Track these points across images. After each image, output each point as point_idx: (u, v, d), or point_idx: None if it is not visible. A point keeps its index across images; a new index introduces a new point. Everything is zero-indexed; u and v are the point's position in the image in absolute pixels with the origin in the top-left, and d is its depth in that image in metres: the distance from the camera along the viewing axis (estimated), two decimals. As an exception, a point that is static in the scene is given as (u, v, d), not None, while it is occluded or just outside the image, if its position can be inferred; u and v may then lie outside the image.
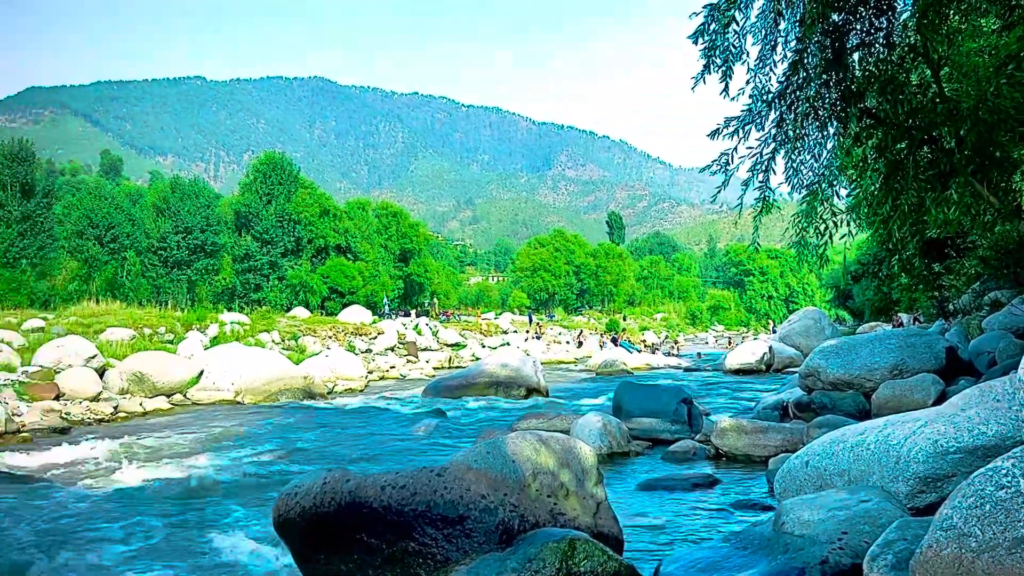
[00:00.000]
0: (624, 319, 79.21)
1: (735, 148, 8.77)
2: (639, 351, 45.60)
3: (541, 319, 67.10)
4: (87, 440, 13.70)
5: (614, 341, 48.97)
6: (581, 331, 59.05)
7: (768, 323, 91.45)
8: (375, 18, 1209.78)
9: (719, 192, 9.10)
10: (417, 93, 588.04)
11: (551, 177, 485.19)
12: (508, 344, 43.69)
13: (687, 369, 35.77)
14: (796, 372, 17.90)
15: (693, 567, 5.23)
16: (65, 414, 16.73)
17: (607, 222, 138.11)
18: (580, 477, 6.20)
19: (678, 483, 10.10)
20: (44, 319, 27.60)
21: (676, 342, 66.33)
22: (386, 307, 54.76)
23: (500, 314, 67.65)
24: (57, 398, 17.85)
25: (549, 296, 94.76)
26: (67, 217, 47.77)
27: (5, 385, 17.45)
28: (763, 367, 30.59)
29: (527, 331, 52.46)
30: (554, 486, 6.02)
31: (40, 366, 19.87)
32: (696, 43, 8.72)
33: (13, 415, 15.48)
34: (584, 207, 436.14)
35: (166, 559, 7.52)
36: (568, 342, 50.95)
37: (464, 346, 41.60)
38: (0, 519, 8.76)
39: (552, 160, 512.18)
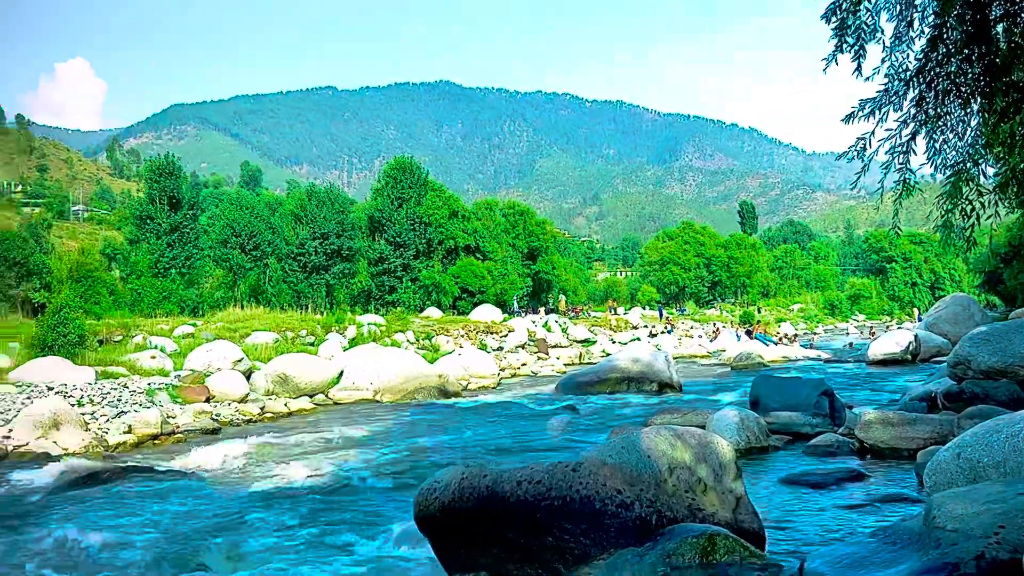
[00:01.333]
0: (759, 311, 77.28)
1: (872, 131, 8.43)
2: (775, 343, 44.47)
3: (672, 313, 66.25)
4: (237, 440, 14.32)
5: (748, 334, 47.86)
6: (714, 324, 58.00)
7: (913, 311, 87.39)
8: (498, 19, 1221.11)
9: (859, 178, 8.76)
10: (541, 91, 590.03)
11: (678, 168, 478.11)
12: (639, 339, 43.33)
13: (827, 360, 34.61)
14: (944, 361, 17.04)
15: (839, 563, 5.07)
16: (215, 415, 17.54)
17: (738, 212, 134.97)
18: (718, 472, 6.11)
19: (821, 478, 9.80)
20: (194, 325, 29.03)
21: (814, 333, 64.24)
22: (516, 305, 55.17)
23: (629, 309, 67.13)
24: (208, 400, 18.71)
25: (679, 290, 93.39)
26: (212, 227, 50.17)
27: (160, 389, 18.44)
28: (908, 357, 29.30)
29: (656, 326, 51.90)
30: (691, 481, 5.95)
31: (191, 370, 20.90)
32: (828, 23, 8.43)
33: (168, 417, 16.34)
34: (713, 198, 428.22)
35: (313, 553, 7.82)
36: (700, 336, 50.11)
37: (594, 342, 41.48)
38: (159, 516, 9.30)
39: (679, 151, 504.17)
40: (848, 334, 68.29)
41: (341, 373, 22.66)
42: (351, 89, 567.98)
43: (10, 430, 13.88)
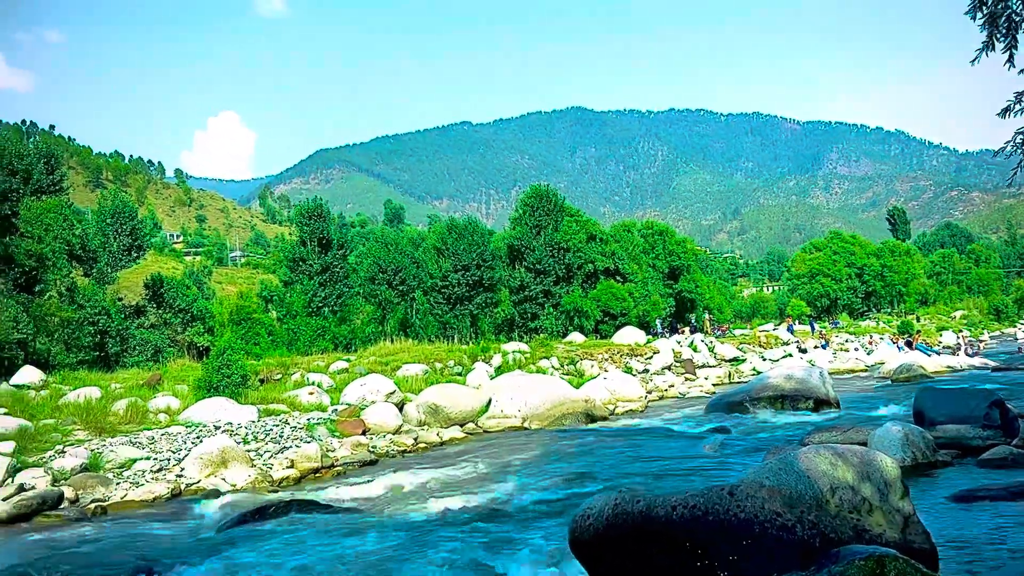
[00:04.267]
0: (917, 320, 73.70)
1: (1031, 123, 7.97)
2: (937, 353, 42.16)
3: (824, 327, 63.93)
4: (393, 471, 14.68)
5: (909, 344, 45.68)
6: (870, 336, 55.62)
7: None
8: (626, 42, 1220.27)
9: (1015, 174, 8.29)
10: (673, 109, 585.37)
11: (822, 177, 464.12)
12: (790, 355, 41.98)
13: (995, 369, 32.62)
14: None
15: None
16: (372, 447, 18.03)
17: (887, 218, 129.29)
18: (883, 491, 5.84)
19: (995, 493, 9.22)
20: (347, 360, 30.02)
21: (980, 340, 60.65)
22: (659, 326, 54.53)
23: (779, 324, 65.29)
24: (364, 433, 19.25)
25: (831, 302, 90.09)
26: (360, 265, 51.90)
27: (319, 423, 19.12)
28: (1088, 362, 27.28)
29: (808, 340, 50.19)
30: (855, 501, 5.71)
31: (347, 404, 21.58)
32: (974, 18, 8.06)
33: (328, 451, 16.92)
34: (861, 205, 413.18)
35: (472, 580, 7.92)
36: (856, 348, 48.14)
37: (743, 360, 40.48)
38: (325, 548, 9.63)
39: (821, 159, 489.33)
40: (1017, 339, 64.13)
41: (489, 401, 22.89)
42: (485, 123, 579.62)
43: (182, 468, 14.69)
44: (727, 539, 5.51)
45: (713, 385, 32.81)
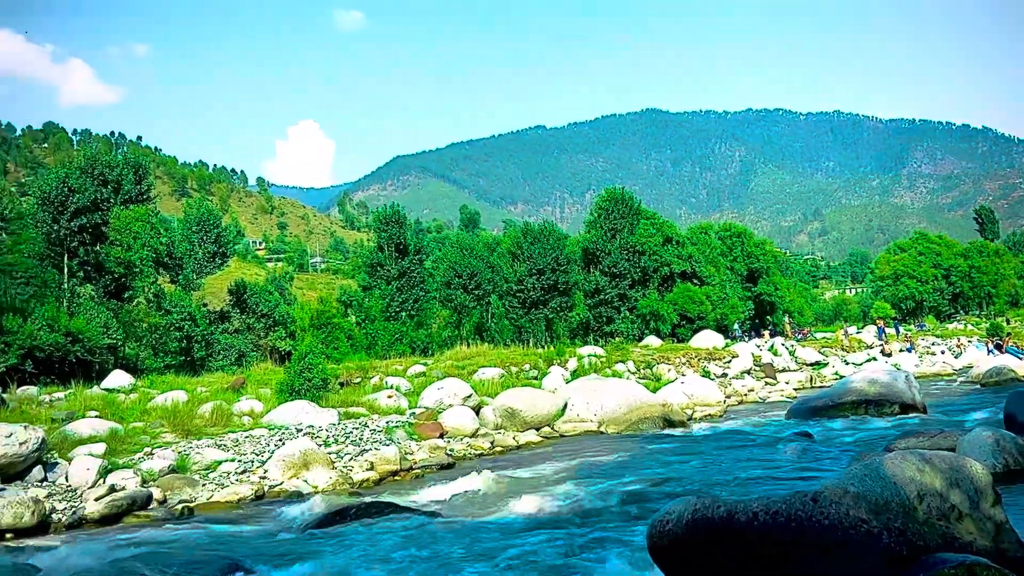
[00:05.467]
0: (1007, 322, 71.09)
1: None
2: (1030, 356, 40.61)
3: (909, 330, 62.18)
4: (470, 474, 14.75)
5: (998, 347, 44.12)
6: (958, 339, 53.90)
7: None
8: (702, 42, 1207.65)
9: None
10: (751, 109, 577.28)
11: (906, 176, 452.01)
12: (874, 359, 40.95)
13: (1093, 373, 31.27)
14: None
15: None
16: (449, 450, 18.16)
17: (975, 218, 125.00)
18: (973, 498, 5.66)
19: (1096, 503, 8.85)
20: (424, 364, 30.29)
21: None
22: (737, 329, 53.75)
23: (862, 327, 63.74)
24: (441, 436, 19.40)
25: (916, 304, 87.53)
26: (436, 270, 52.37)
27: (398, 426, 19.35)
28: None
29: (891, 344, 48.87)
30: (944, 508, 5.54)
31: (425, 407, 21.79)
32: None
33: (406, 454, 17.10)
34: (946, 204, 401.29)
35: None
36: (943, 352, 46.71)
37: (825, 364, 39.65)
38: (405, 549, 9.73)
39: (905, 158, 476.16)
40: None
41: (565, 405, 22.86)
42: (559, 126, 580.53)
43: (265, 471, 15.01)
44: (810, 546, 5.40)
45: (794, 390, 32.22)
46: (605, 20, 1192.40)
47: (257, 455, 15.87)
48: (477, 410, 21.68)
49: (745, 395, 30.37)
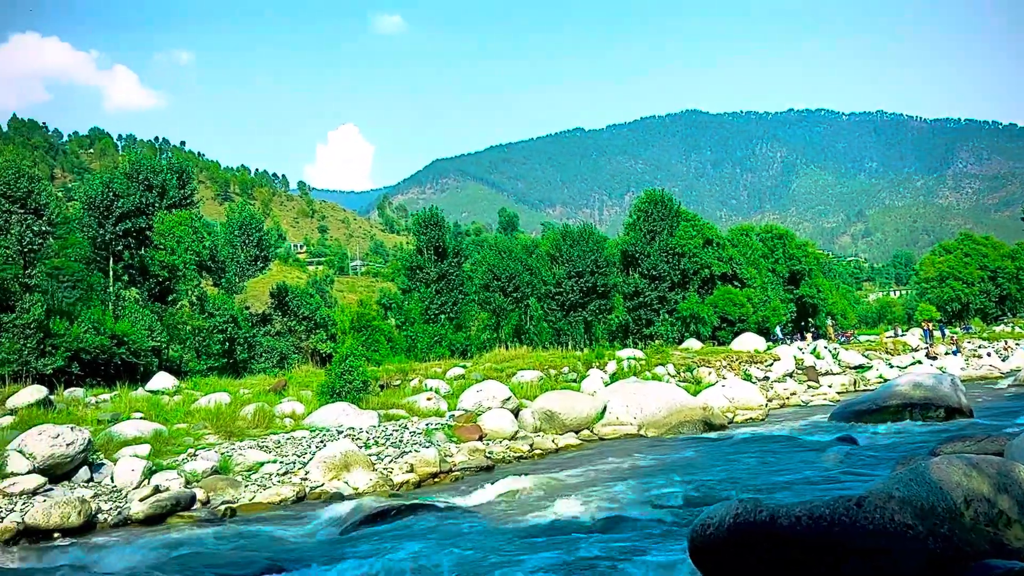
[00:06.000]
0: (1057, 324, 69.64)
1: None
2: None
3: (955, 332, 61.13)
4: (510, 476, 14.75)
5: (1047, 350, 43.23)
6: (1005, 341, 52.89)
7: None
8: (741, 43, 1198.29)
9: None
10: (792, 110, 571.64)
11: (951, 177, 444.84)
12: (919, 362, 40.33)
13: None
14: None
15: None
16: (488, 453, 18.19)
17: (1023, 218, 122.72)
18: (1023, 503, 5.54)
19: None
20: (463, 367, 30.39)
21: None
22: (779, 332, 53.19)
23: (907, 330, 62.79)
24: (481, 438, 19.43)
25: (962, 306, 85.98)
26: (475, 273, 52.45)
27: (437, 429, 19.41)
28: None
29: (937, 347, 48.08)
30: (992, 514, 5.44)
31: (464, 410, 21.84)
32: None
33: (446, 456, 17.15)
34: (993, 204, 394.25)
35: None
36: (990, 354, 45.87)
37: (869, 367, 39.13)
38: (445, 552, 9.76)
39: (950, 158, 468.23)
40: None
41: (604, 408, 22.80)
42: (598, 128, 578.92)
43: (307, 472, 15.15)
44: (854, 551, 5.33)
45: (837, 393, 31.86)
46: (643, 21, 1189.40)
47: (298, 456, 16.01)
48: (516, 413, 21.69)
49: (787, 398, 30.08)
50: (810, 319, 66.49)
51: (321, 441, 17.10)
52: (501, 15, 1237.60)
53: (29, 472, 13.22)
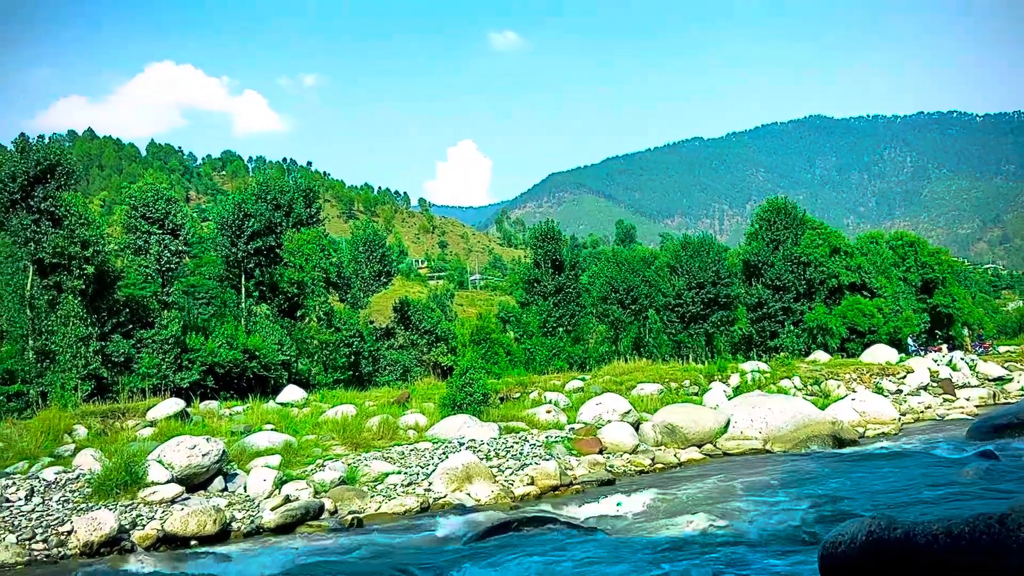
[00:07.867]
0: None
1: None
2: None
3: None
4: (632, 491, 14.63)
5: None
6: None
7: None
8: (865, 46, 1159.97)
9: None
10: (922, 112, 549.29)
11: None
12: (1067, 374, 38.01)
13: None
14: None
15: None
16: (609, 466, 18.10)
17: None
18: None
19: None
20: (582, 380, 30.33)
21: None
22: (912, 344, 51.07)
23: (1050, 340, 59.30)
24: (600, 452, 19.34)
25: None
26: (592, 285, 52.35)
27: (557, 441, 19.44)
28: None
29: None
30: None
31: (583, 423, 21.80)
32: None
33: (566, 469, 17.15)
34: None
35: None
36: None
37: (1010, 379, 37.13)
38: (564, 567, 9.75)
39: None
40: None
41: (728, 422, 22.37)
42: (717, 137, 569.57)
43: (430, 483, 15.41)
44: (996, 570, 5.07)
45: (975, 406, 30.39)
46: (762, 27, 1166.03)
47: (422, 468, 16.30)
48: (636, 426, 21.51)
49: (922, 412, 28.86)
50: (945, 329, 63.58)
51: (443, 453, 17.36)
52: (614, 27, 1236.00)
53: (168, 482, 13.91)
